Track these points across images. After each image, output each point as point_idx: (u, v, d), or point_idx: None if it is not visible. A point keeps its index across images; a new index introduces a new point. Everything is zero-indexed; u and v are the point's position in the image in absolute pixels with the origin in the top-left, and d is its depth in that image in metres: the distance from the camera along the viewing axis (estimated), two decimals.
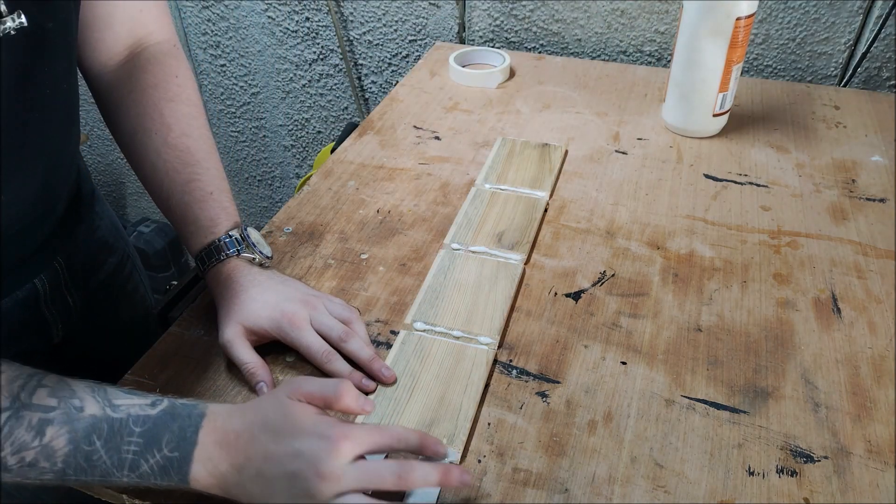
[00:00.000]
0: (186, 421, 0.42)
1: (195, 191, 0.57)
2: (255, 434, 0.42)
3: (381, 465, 0.43)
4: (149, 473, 0.41)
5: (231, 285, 0.55)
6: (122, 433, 0.41)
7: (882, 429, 0.51)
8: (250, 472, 0.41)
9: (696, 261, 0.67)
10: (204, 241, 0.56)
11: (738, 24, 0.77)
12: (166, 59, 0.60)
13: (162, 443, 0.41)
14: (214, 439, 0.42)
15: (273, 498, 0.41)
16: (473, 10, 1.15)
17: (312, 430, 0.42)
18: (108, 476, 0.40)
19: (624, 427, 0.51)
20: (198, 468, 0.41)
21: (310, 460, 0.41)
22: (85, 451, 0.40)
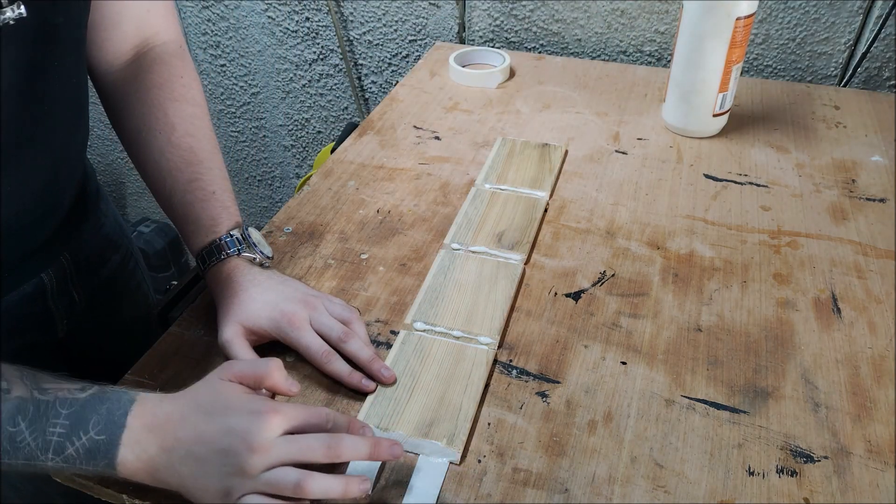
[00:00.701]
0: (115, 405, 0.42)
1: (197, 190, 0.57)
2: (185, 415, 0.42)
3: (310, 437, 0.43)
4: (74, 457, 0.40)
5: (231, 285, 0.55)
6: (48, 415, 0.40)
7: (882, 429, 0.51)
8: (180, 453, 0.41)
9: (696, 261, 0.67)
10: (205, 240, 0.56)
11: (738, 24, 0.77)
12: (172, 60, 0.60)
13: (88, 425, 0.40)
14: (144, 423, 0.42)
15: (204, 477, 0.41)
16: (473, 10, 1.15)
17: (243, 406, 0.43)
18: (33, 459, 0.40)
19: (624, 427, 0.51)
20: (125, 452, 0.41)
21: (240, 435, 0.41)
22: (9, 431, 0.39)
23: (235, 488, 0.41)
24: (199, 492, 0.42)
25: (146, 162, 0.58)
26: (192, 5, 1.34)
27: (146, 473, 0.42)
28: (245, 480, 0.41)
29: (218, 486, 0.41)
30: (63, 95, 0.51)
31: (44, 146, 0.51)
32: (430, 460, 0.49)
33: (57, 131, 0.52)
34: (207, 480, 0.41)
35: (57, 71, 0.49)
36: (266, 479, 0.41)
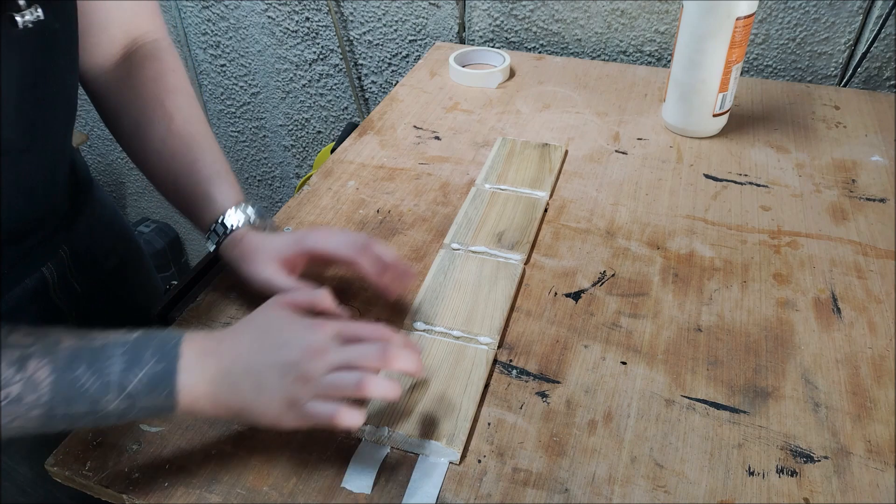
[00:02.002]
0: (166, 338, 0.43)
1: (202, 170, 0.58)
2: (240, 337, 0.44)
3: (365, 344, 0.45)
4: (135, 393, 0.41)
5: (249, 243, 0.57)
6: (104, 356, 0.40)
7: (882, 429, 0.51)
8: (239, 370, 0.43)
9: (696, 261, 0.67)
10: (214, 216, 0.58)
11: (738, 24, 0.77)
12: (162, 56, 0.61)
13: (144, 358, 0.41)
14: (198, 349, 0.43)
15: (266, 391, 0.42)
16: (473, 10, 1.15)
17: (297, 322, 0.45)
18: (97, 404, 0.40)
19: (624, 427, 0.51)
20: (184, 378, 0.42)
21: (298, 343, 0.44)
22: (69, 378, 0.39)
23: (298, 396, 0.42)
24: (263, 407, 0.42)
25: (147, 152, 0.59)
26: (192, 5, 1.34)
27: (207, 399, 0.42)
28: (307, 386, 0.42)
29: (281, 397, 0.42)
30: (60, 98, 0.52)
31: (43, 148, 0.51)
32: (430, 460, 0.49)
33: (55, 133, 0.53)
34: (270, 393, 0.42)
35: (55, 75, 0.50)
36: (327, 382, 0.43)
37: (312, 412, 0.43)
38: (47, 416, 0.40)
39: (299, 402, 0.43)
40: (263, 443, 0.50)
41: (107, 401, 0.40)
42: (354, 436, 0.51)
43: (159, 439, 0.51)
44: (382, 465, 0.49)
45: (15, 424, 0.39)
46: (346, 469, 0.48)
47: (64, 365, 0.39)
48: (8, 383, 0.38)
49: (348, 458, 0.49)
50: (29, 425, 0.40)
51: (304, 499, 0.47)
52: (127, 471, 0.49)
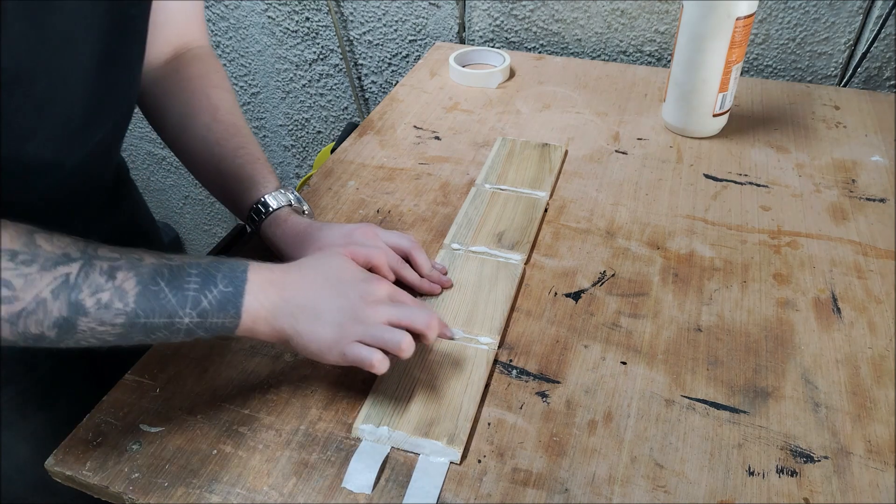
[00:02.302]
0: (235, 264, 0.47)
1: (246, 155, 0.62)
2: (303, 272, 0.49)
3: (415, 309, 0.50)
4: (208, 309, 0.44)
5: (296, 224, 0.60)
6: (182, 274, 0.44)
7: (882, 429, 0.51)
8: (298, 300, 0.47)
9: (696, 261, 0.67)
10: (258, 196, 0.61)
11: (737, 24, 0.77)
12: (208, 59, 0.66)
13: (216, 279, 0.45)
14: (263, 278, 0.47)
15: (318, 322, 0.47)
16: (473, 10, 1.15)
17: (357, 271, 0.51)
18: (174, 316, 0.43)
19: (624, 427, 0.51)
20: (250, 300, 0.46)
21: (355, 289, 0.49)
22: (152, 290, 0.43)
23: (345, 334, 0.47)
24: (312, 336, 0.47)
25: (192, 139, 0.62)
26: None
27: (265, 323, 0.46)
28: (357, 327, 0.47)
29: (331, 332, 0.47)
30: (127, 85, 0.55)
31: (102, 127, 0.54)
32: (431, 460, 0.49)
33: (114, 117, 0.56)
34: (322, 327, 0.47)
35: (126, 60, 0.53)
36: (376, 331, 0.47)
37: (355, 353, 0.47)
38: (129, 325, 0.42)
39: (344, 340, 0.47)
40: (263, 443, 0.51)
41: (182, 315, 0.44)
42: (354, 436, 0.51)
43: (159, 439, 0.51)
44: (382, 465, 0.49)
45: (99, 330, 0.42)
46: (346, 469, 0.48)
47: (148, 278, 0.43)
48: (100, 289, 0.41)
49: (348, 458, 0.49)
50: (110, 333, 0.42)
51: (304, 499, 0.47)
52: (127, 471, 0.49)
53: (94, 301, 0.41)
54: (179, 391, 0.54)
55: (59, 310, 0.40)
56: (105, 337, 0.42)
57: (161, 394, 0.54)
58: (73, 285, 0.40)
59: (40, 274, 0.39)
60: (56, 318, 0.40)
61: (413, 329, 0.49)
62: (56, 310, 0.40)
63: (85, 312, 0.41)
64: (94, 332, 0.42)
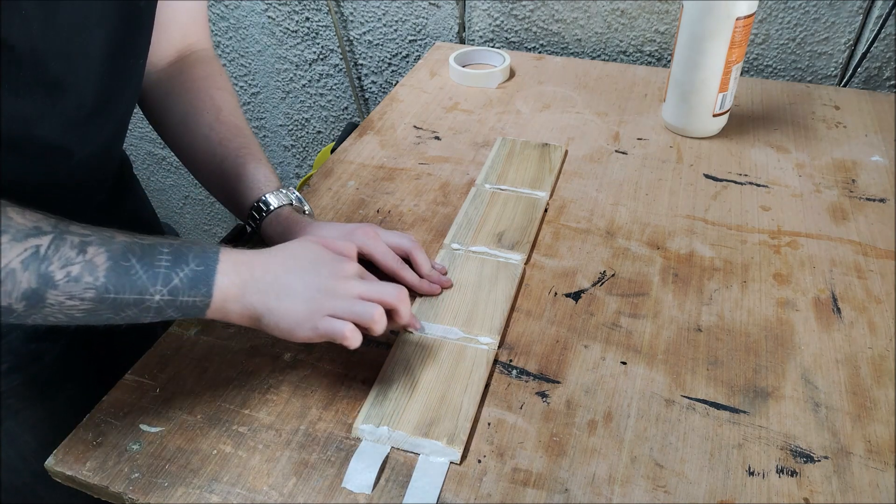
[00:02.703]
0: (207, 246, 0.47)
1: (248, 155, 0.62)
2: (273, 255, 0.49)
3: (385, 284, 0.50)
4: (178, 287, 0.44)
5: (296, 221, 0.60)
6: (153, 252, 0.44)
7: (882, 429, 0.51)
8: (268, 279, 0.47)
9: (696, 261, 0.67)
10: (258, 194, 0.61)
11: (737, 24, 0.77)
12: (211, 61, 0.67)
13: (188, 258, 0.45)
14: (234, 258, 0.47)
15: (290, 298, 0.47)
16: (473, 10, 1.15)
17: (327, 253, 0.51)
18: (144, 293, 0.43)
19: (624, 427, 0.51)
20: (221, 279, 0.46)
21: (327, 269, 0.49)
22: (123, 266, 0.43)
23: (317, 310, 0.47)
24: (282, 311, 0.47)
25: (194, 139, 0.63)
26: None
27: (235, 299, 0.46)
28: (328, 299, 0.47)
29: (301, 307, 0.47)
30: (133, 75, 0.56)
31: (110, 116, 0.55)
32: (431, 460, 0.49)
33: (121, 107, 0.56)
34: (292, 301, 0.47)
35: (134, 50, 0.54)
36: (346, 306, 0.48)
37: (327, 325, 0.47)
38: (98, 300, 0.42)
39: (316, 315, 0.47)
40: (263, 443, 0.51)
41: (153, 292, 0.44)
42: (354, 436, 0.51)
43: (159, 439, 0.51)
44: (382, 465, 0.49)
45: (68, 304, 0.42)
46: (346, 469, 0.48)
47: (119, 254, 0.43)
48: (70, 262, 0.41)
49: (348, 458, 0.49)
50: (78, 308, 0.42)
51: (304, 499, 0.47)
52: (127, 471, 0.49)
53: (64, 274, 0.41)
54: (179, 391, 0.54)
55: (29, 281, 0.40)
56: (73, 313, 0.42)
57: (161, 394, 0.54)
58: (43, 257, 0.40)
59: (10, 245, 0.39)
60: (25, 289, 0.40)
61: (384, 303, 0.49)
62: (25, 281, 0.40)
63: (54, 285, 0.41)
64: (62, 307, 0.41)
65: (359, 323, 0.48)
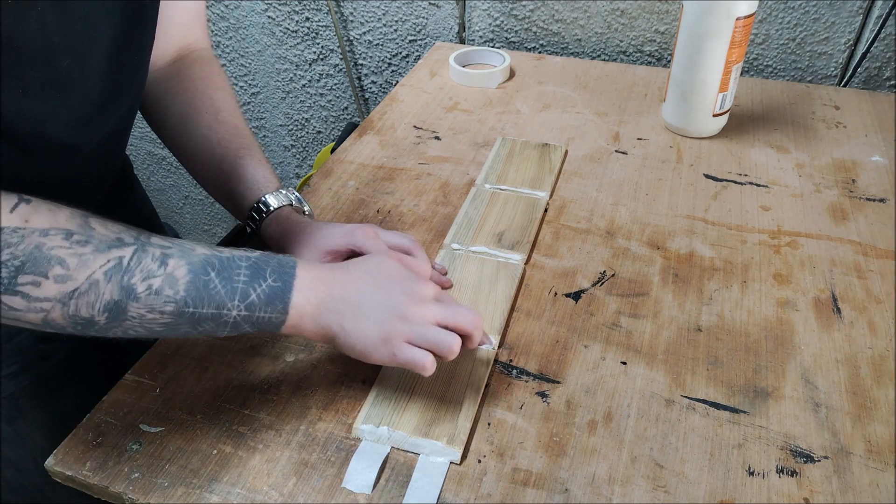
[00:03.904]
0: (284, 261, 0.47)
1: (248, 157, 0.62)
2: (350, 272, 0.49)
3: (461, 309, 0.49)
4: (255, 303, 0.44)
5: (296, 221, 0.60)
6: (232, 266, 0.44)
7: (882, 429, 0.51)
8: (345, 298, 0.47)
9: (696, 261, 0.67)
10: (258, 195, 0.61)
11: (737, 24, 0.77)
12: (210, 61, 0.67)
13: (266, 274, 0.45)
14: (311, 275, 0.47)
15: (365, 321, 0.47)
16: (473, 10, 1.15)
17: (404, 272, 0.50)
18: (222, 308, 0.43)
19: (624, 427, 0.51)
20: (297, 296, 0.45)
21: (404, 290, 0.48)
22: (202, 279, 0.43)
23: (394, 334, 0.46)
24: (358, 335, 0.46)
25: (193, 139, 0.62)
26: None
27: (311, 318, 0.46)
28: (405, 326, 0.46)
29: (378, 331, 0.46)
30: (138, 70, 0.56)
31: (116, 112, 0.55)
32: (431, 460, 0.49)
33: (124, 103, 0.56)
34: (368, 325, 0.46)
35: (139, 45, 0.54)
36: (425, 332, 0.47)
37: (407, 355, 0.46)
38: (177, 314, 0.42)
39: (393, 340, 0.46)
40: (263, 443, 0.51)
41: (230, 307, 0.43)
42: (354, 436, 0.51)
43: (159, 439, 0.51)
44: (382, 465, 0.49)
45: (148, 318, 0.42)
46: (346, 469, 0.48)
47: (199, 267, 0.43)
48: (152, 275, 0.41)
49: (348, 458, 0.49)
50: (158, 322, 0.42)
51: (304, 499, 0.47)
52: (127, 471, 0.49)
53: (146, 287, 0.41)
54: (179, 391, 0.54)
55: (111, 293, 0.40)
56: (153, 326, 0.42)
57: (161, 394, 0.54)
58: (125, 269, 0.40)
59: (94, 255, 0.39)
60: (107, 301, 0.40)
61: (460, 330, 0.48)
62: (108, 293, 0.40)
63: (136, 297, 0.41)
64: (143, 320, 0.42)
65: (435, 352, 0.47)
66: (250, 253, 0.46)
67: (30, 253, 0.38)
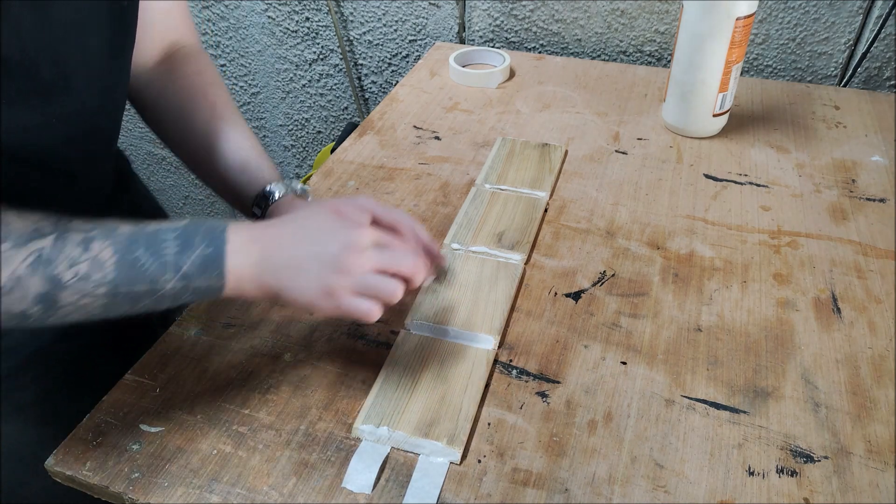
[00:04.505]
0: (214, 224, 0.46)
1: (247, 150, 0.62)
2: (282, 227, 0.48)
3: (400, 252, 0.48)
4: (189, 273, 0.43)
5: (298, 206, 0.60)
6: (159, 240, 0.43)
7: (882, 429, 0.51)
8: (281, 256, 0.46)
9: (696, 261, 0.67)
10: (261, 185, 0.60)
11: (737, 24, 0.77)
12: (199, 56, 0.66)
13: (195, 242, 0.44)
14: (242, 237, 0.46)
15: (303, 277, 0.46)
16: (473, 10, 1.15)
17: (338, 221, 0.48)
18: (155, 283, 0.43)
19: (624, 427, 0.51)
20: (232, 260, 0.45)
21: (339, 239, 0.47)
22: (130, 258, 0.42)
23: (335, 287, 0.46)
24: (299, 290, 0.46)
25: (192, 134, 0.62)
26: (192, 5, 1.34)
27: (251, 281, 0.46)
28: (345, 278, 0.46)
29: (318, 285, 0.46)
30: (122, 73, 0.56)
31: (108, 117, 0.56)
32: (431, 460, 0.49)
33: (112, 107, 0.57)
34: (307, 280, 0.46)
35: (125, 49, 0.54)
36: (366, 281, 0.46)
37: (351, 306, 0.46)
38: (111, 295, 0.42)
39: (336, 292, 0.46)
40: (263, 443, 0.51)
41: (164, 280, 0.43)
42: (354, 436, 0.51)
43: (159, 439, 0.51)
44: (382, 465, 0.49)
45: (82, 303, 0.41)
46: (346, 469, 0.48)
47: (124, 247, 0.42)
48: (76, 262, 0.41)
49: (348, 458, 0.49)
50: (94, 305, 0.42)
51: (304, 499, 0.47)
52: (127, 471, 0.49)
53: (72, 274, 0.40)
54: (179, 391, 0.54)
55: (37, 286, 0.40)
56: (90, 310, 0.42)
57: (161, 394, 0.54)
58: (47, 260, 0.40)
59: (13, 251, 0.39)
60: (35, 293, 0.40)
61: (401, 274, 0.48)
62: (34, 286, 0.40)
63: (63, 286, 0.40)
64: (77, 306, 0.41)
65: (378, 298, 0.47)
66: (178, 223, 0.45)
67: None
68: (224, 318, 0.61)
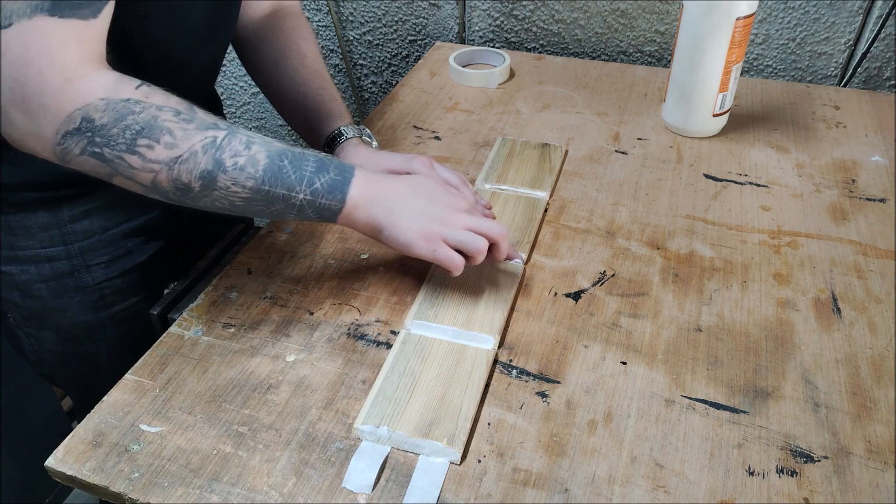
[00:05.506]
0: (345, 163, 0.56)
1: (326, 93, 0.73)
2: (399, 181, 0.58)
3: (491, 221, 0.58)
4: (319, 190, 0.53)
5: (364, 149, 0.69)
6: (302, 159, 0.53)
7: (882, 429, 0.51)
8: (392, 198, 0.56)
9: (696, 261, 0.67)
10: (336, 125, 0.71)
11: (737, 24, 0.77)
12: (298, 16, 0.78)
13: (329, 168, 0.54)
14: (366, 176, 0.56)
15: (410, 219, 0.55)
16: (473, 10, 1.15)
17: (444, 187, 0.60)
18: (291, 190, 0.52)
19: (624, 427, 0.51)
20: (354, 190, 0.54)
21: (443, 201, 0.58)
22: (278, 164, 0.51)
23: (434, 234, 0.55)
24: (402, 230, 0.55)
25: (281, 78, 0.73)
26: None
27: (363, 209, 0.55)
28: (444, 228, 0.55)
29: (419, 228, 0.55)
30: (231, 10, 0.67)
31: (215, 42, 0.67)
32: (431, 460, 0.49)
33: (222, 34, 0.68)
34: (410, 222, 0.55)
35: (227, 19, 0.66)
36: (460, 235, 0.56)
37: (444, 254, 0.55)
38: (255, 190, 0.50)
39: (434, 238, 0.55)
40: (263, 443, 0.51)
41: (299, 190, 0.52)
42: (354, 436, 0.51)
43: (159, 439, 0.51)
44: (382, 465, 0.49)
45: (232, 190, 0.50)
46: (346, 469, 0.48)
47: (276, 154, 0.51)
48: (238, 154, 0.50)
49: (348, 458, 0.49)
50: (239, 196, 0.50)
51: (303, 499, 0.47)
52: (127, 471, 0.49)
53: (233, 163, 0.49)
54: (179, 391, 0.54)
55: (206, 163, 0.48)
56: (234, 199, 0.50)
57: (161, 394, 0.54)
58: (218, 146, 0.49)
59: (196, 131, 0.48)
60: (202, 169, 0.48)
61: (489, 237, 0.57)
62: (203, 163, 0.48)
63: (224, 170, 0.49)
64: (227, 192, 0.50)
65: (465, 252, 0.56)
66: (318, 153, 0.54)
67: (147, 122, 0.47)
68: (224, 318, 0.61)
